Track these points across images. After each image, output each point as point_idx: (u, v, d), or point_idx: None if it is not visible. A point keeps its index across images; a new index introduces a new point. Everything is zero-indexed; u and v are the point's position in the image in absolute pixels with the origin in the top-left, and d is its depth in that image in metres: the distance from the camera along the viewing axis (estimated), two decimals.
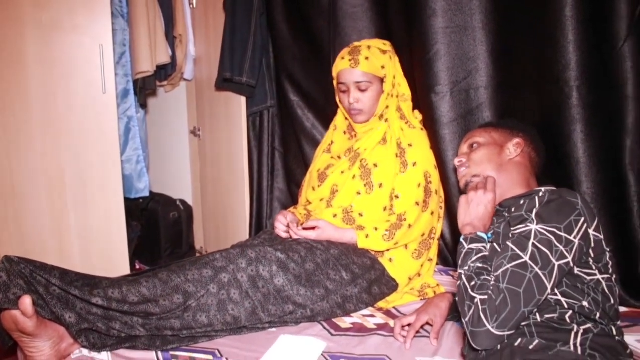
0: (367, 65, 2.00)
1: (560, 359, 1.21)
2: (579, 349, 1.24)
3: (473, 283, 1.31)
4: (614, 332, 1.33)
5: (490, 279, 1.30)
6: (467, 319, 1.28)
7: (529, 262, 1.27)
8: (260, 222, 2.82)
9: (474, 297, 1.27)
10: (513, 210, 1.47)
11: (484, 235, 1.44)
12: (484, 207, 1.48)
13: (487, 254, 1.39)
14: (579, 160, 1.79)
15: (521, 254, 1.29)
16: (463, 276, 1.35)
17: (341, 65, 2.02)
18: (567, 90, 1.77)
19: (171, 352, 1.61)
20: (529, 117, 1.88)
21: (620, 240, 1.80)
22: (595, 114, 1.77)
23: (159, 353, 1.60)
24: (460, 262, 1.40)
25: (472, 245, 1.41)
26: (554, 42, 1.76)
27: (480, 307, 1.25)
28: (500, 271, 1.29)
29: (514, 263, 1.28)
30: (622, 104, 1.77)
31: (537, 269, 1.27)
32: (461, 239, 1.45)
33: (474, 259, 1.37)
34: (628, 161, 1.80)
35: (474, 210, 1.49)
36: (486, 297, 1.26)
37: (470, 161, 1.65)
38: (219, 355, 1.60)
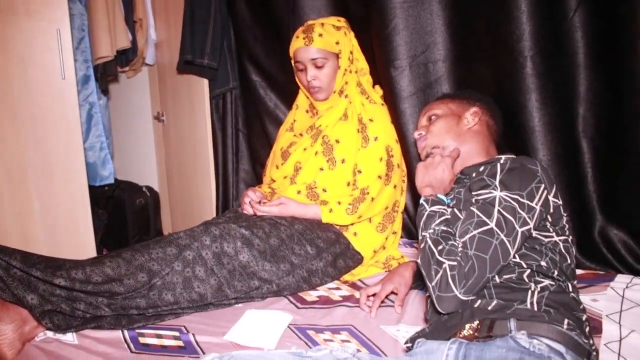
0: (321, 41, 2.00)
1: (517, 316, 1.23)
2: (535, 306, 1.26)
3: (440, 247, 1.31)
4: (570, 289, 1.36)
5: (456, 244, 1.31)
6: (433, 283, 1.29)
7: (495, 228, 1.29)
8: (226, 205, 2.80)
9: (442, 262, 1.28)
10: (474, 175, 1.48)
11: (443, 198, 1.45)
12: (441, 169, 1.50)
13: (449, 217, 1.41)
14: (534, 128, 1.81)
15: (487, 220, 1.31)
16: (428, 239, 1.36)
17: (296, 44, 2.02)
18: (521, 60, 1.79)
19: (137, 330, 1.60)
20: (485, 88, 1.89)
21: (575, 206, 1.84)
22: (549, 82, 1.79)
23: (125, 332, 1.59)
24: (422, 224, 1.41)
25: (434, 208, 1.42)
26: (507, 13, 1.78)
27: (448, 273, 1.27)
28: (467, 237, 1.30)
29: (480, 229, 1.30)
30: (574, 73, 1.79)
31: (502, 236, 1.29)
32: (421, 201, 1.45)
33: (437, 221, 1.38)
34: (581, 129, 1.83)
35: (432, 172, 1.50)
36: (455, 263, 1.27)
37: (429, 133, 1.66)
38: (185, 332, 1.60)
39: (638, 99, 1.68)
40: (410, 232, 2.26)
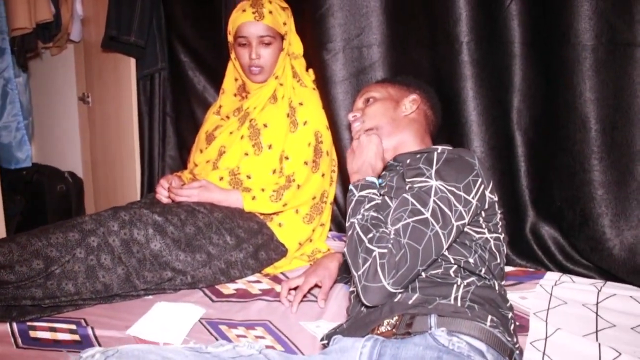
0: (271, 19, 1.94)
1: (438, 312, 1.17)
2: (459, 301, 1.21)
3: (370, 235, 1.25)
4: (496, 287, 1.32)
5: (388, 231, 1.25)
6: (360, 272, 1.23)
7: (431, 219, 1.24)
8: (151, 191, 2.66)
9: (372, 250, 1.22)
10: (408, 162, 1.43)
11: (374, 180, 1.40)
12: (369, 150, 1.45)
13: (379, 202, 1.35)
14: (468, 118, 1.78)
15: (422, 209, 1.25)
16: (356, 225, 1.30)
17: (242, 18, 1.93)
18: (457, 46, 1.76)
19: (28, 323, 1.46)
20: (421, 74, 1.85)
21: (507, 200, 1.81)
22: (484, 71, 1.76)
23: (14, 325, 1.44)
24: (350, 210, 1.35)
25: (364, 193, 1.36)
26: None
27: (378, 261, 1.21)
28: (400, 224, 1.24)
29: (415, 218, 1.24)
30: (509, 62, 1.76)
31: (437, 227, 1.24)
32: (350, 187, 1.40)
33: (367, 206, 1.32)
34: (515, 120, 1.81)
35: (360, 156, 1.45)
36: (385, 251, 1.21)
37: (364, 115, 1.60)
38: (84, 325, 1.47)
39: (571, 91, 1.65)
40: (339, 224, 2.20)
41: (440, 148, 1.44)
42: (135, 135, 2.71)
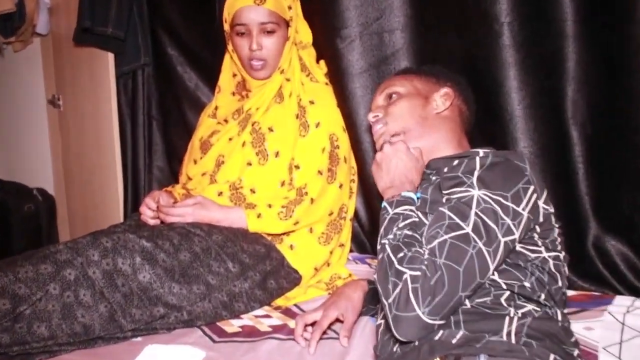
0: (274, 3, 1.94)
1: (488, 351, 1.15)
2: (513, 337, 1.20)
3: (401, 255, 1.25)
4: (559, 317, 1.31)
5: (423, 251, 1.25)
6: (390, 300, 1.22)
7: (472, 234, 1.23)
8: (136, 210, 2.66)
9: (403, 273, 1.22)
10: (445, 170, 1.43)
11: (411, 195, 1.40)
12: (400, 161, 1.45)
13: (417, 219, 1.35)
14: (513, 113, 1.77)
15: (462, 223, 1.25)
16: (387, 246, 1.30)
17: (241, 2, 1.94)
18: (496, 27, 1.75)
19: None
20: (454, 63, 1.86)
21: (564, 210, 1.78)
22: (531, 56, 1.76)
23: None
24: (382, 231, 1.35)
25: (399, 210, 1.36)
26: None
27: (410, 286, 1.20)
28: (435, 242, 1.24)
29: (453, 234, 1.24)
30: (561, 44, 1.75)
31: (480, 244, 1.23)
32: (384, 203, 1.40)
33: (401, 225, 1.32)
34: (570, 114, 1.80)
35: (389, 170, 1.45)
36: (419, 273, 1.20)
37: (388, 116, 1.59)
38: None
39: (636, 77, 1.65)
40: (361, 244, 2.20)
41: (482, 151, 1.43)
42: (116, 144, 2.72)
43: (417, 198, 1.42)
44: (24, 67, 3.39)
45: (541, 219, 1.34)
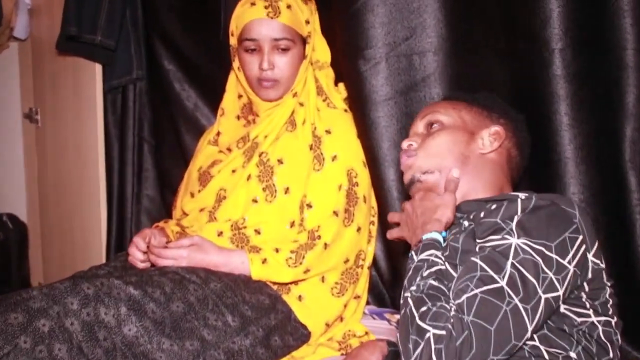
0: (290, 16, 1.96)
1: None
2: None
3: (424, 309, 1.25)
4: None
5: (449, 307, 1.24)
6: None
7: (507, 288, 1.22)
8: (121, 245, 2.75)
9: (425, 331, 1.21)
10: (482, 215, 1.43)
11: (435, 236, 1.41)
12: (439, 215, 1.48)
13: (443, 267, 1.35)
14: (562, 153, 1.75)
15: (495, 276, 1.24)
16: (409, 299, 1.30)
17: (252, 14, 1.96)
18: (546, 54, 1.74)
19: None
20: (494, 93, 1.81)
21: (618, 266, 1.77)
22: (584, 88, 1.74)
23: None
24: (406, 282, 1.36)
25: (423, 255, 1.37)
26: None
27: (433, 347, 1.19)
28: (464, 297, 1.23)
29: (484, 288, 1.23)
30: (619, 76, 1.73)
31: (516, 300, 1.22)
32: (410, 252, 1.41)
33: (425, 273, 1.33)
34: (628, 157, 1.77)
35: (418, 216, 1.49)
36: (444, 332, 1.20)
37: (422, 148, 1.61)
38: None
39: None
40: (380, 296, 2.19)
41: (524, 195, 1.43)
42: (101, 167, 2.74)
43: (444, 237, 1.43)
44: None
45: (590, 275, 1.33)
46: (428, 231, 1.43)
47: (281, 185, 1.95)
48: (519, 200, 1.37)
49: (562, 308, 1.31)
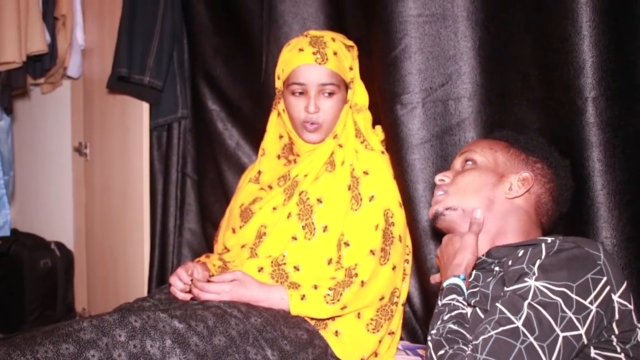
0: (337, 62, 1.97)
1: None
2: None
3: (442, 352, 1.25)
4: None
5: (466, 348, 1.24)
6: None
7: (522, 328, 1.21)
8: (163, 275, 2.75)
9: None
10: (510, 263, 1.40)
11: (456, 281, 1.42)
12: (460, 259, 1.49)
13: (463, 311, 1.36)
14: (595, 199, 1.71)
15: (512, 317, 1.23)
16: (430, 342, 1.31)
17: (300, 59, 1.96)
18: (579, 103, 1.70)
19: None
20: None
21: None
22: (617, 135, 1.71)
23: None
24: (430, 325, 1.37)
25: (446, 300, 1.38)
26: (562, 38, 1.71)
27: None
28: (480, 339, 1.23)
29: (500, 329, 1.22)
30: None
31: (531, 339, 1.20)
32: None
33: (446, 317, 1.33)
34: None
35: (447, 264, 1.51)
36: None
37: (452, 184, 1.60)
38: None
39: None
40: (413, 332, 2.16)
41: (550, 238, 1.41)
42: (145, 201, 2.75)
43: (462, 279, 1.43)
44: (51, 111, 3.47)
45: (617, 317, 1.30)
46: (448, 277, 1.43)
47: (320, 223, 1.94)
48: (544, 244, 1.35)
49: (593, 353, 1.29)
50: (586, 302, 1.25)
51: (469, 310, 1.40)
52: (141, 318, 1.61)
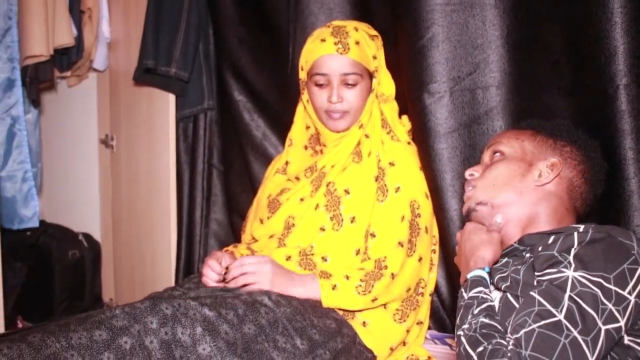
0: (359, 52, 1.95)
1: None
2: None
3: (480, 349, 1.23)
4: None
5: (505, 342, 1.22)
6: None
7: (565, 322, 1.19)
8: (190, 266, 2.77)
9: None
10: (540, 249, 1.39)
11: (481, 273, 1.41)
12: (467, 241, 1.52)
13: (492, 303, 1.34)
14: (627, 187, 1.69)
15: (553, 310, 1.21)
16: (463, 338, 1.29)
17: (322, 50, 1.95)
18: (611, 90, 1.68)
19: None
20: None
21: None
22: None
23: None
24: (458, 320, 1.36)
25: (472, 293, 1.37)
26: (594, 25, 1.69)
27: None
28: (522, 332, 1.20)
29: (542, 322, 1.20)
30: None
31: (575, 333, 1.18)
32: (460, 290, 1.41)
33: (475, 311, 1.31)
34: None
35: (462, 251, 1.53)
36: None
37: (481, 179, 1.59)
38: None
39: None
40: (441, 321, 2.15)
41: (582, 227, 1.39)
42: (172, 192, 2.77)
43: (488, 272, 1.42)
44: (77, 103, 3.50)
45: None
46: (473, 269, 1.42)
47: (347, 214, 1.93)
48: (576, 233, 1.34)
49: (626, 340, 1.27)
50: (625, 293, 1.23)
51: (498, 295, 1.40)
52: (172, 306, 1.62)
